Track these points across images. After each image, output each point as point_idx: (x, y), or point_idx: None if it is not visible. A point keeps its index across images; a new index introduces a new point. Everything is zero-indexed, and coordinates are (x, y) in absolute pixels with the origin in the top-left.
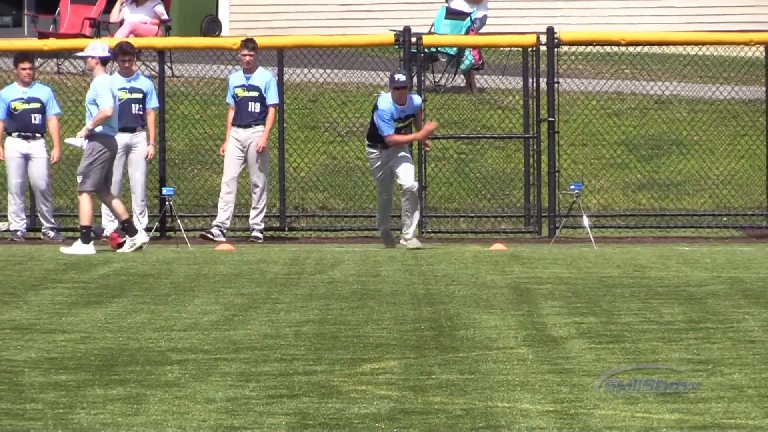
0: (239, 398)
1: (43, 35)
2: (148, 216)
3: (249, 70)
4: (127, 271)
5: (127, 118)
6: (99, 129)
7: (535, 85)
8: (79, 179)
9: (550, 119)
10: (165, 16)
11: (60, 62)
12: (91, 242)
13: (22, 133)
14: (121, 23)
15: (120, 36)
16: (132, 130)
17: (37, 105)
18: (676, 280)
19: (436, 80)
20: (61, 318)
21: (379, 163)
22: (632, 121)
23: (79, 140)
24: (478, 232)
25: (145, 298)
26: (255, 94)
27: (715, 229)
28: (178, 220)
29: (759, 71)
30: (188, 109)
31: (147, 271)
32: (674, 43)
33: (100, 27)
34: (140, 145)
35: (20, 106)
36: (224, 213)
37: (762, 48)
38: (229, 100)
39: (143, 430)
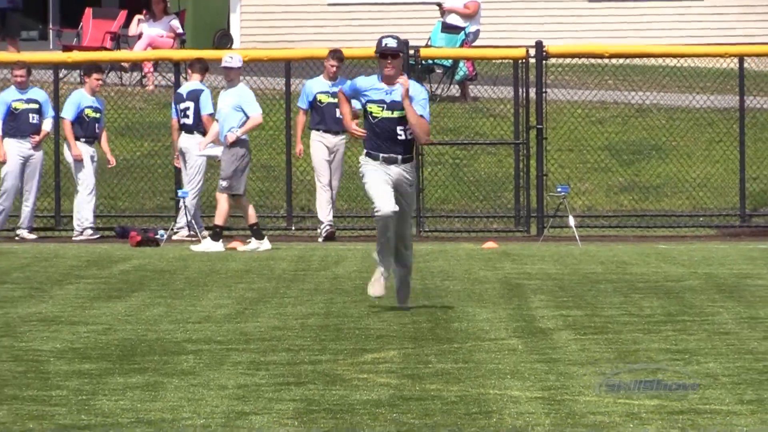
0: (250, 386)
1: (67, 48)
2: (171, 216)
3: (333, 78)
4: (145, 268)
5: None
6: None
7: (524, 94)
8: (224, 183)
9: (538, 126)
10: (180, 30)
11: (81, 73)
12: (221, 240)
13: (89, 139)
14: (139, 36)
15: (138, 48)
16: (191, 131)
17: (98, 115)
18: (655, 276)
19: (433, 90)
20: (84, 311)
21: (375, 173)
22: (615, 128)
23: (215, 149)
24: (471, 231)
25: (162, 293)
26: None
27: (692, 228)
28: (194, 221)
29: (733, 81)
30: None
31: (164, 267)
32: (654, 56)
33: (120, 40)
34: (196, 148)
35: (91, 113)
36: (329, 214)
37: (736, 60)
38: (304, 104)
39: (161, 416)
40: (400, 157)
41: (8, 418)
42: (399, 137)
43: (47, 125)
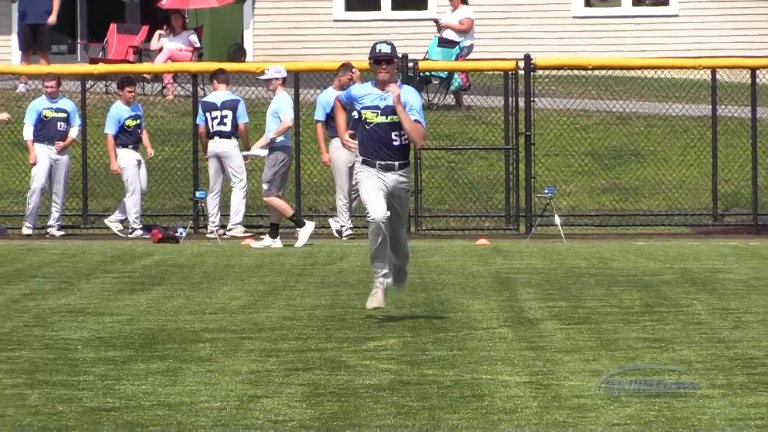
0: (261, 371)
1: (93, 61)
2: (189, 216)
3: (344, 88)
4: (165, 263)
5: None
6: (280, 139)
7: (514, 103)
8: (265, 186)
9: (526, 133)
10: (198, 44)
11: (108, 84)
12: (278, 237)
13: (135, 145)
14: (160, 50)
15: (159, 61)
16: (228, 136)
17: (138, 121)
18: (634, 271)
19: (430, 99)
20: (109, 303)
21: (371, 180)
22: (597, 135)
23: (260, 150)
24: (465, 229)
25: (181, 286)
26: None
27: (668, 226)
28: (209, 219)
29: (706, 91)
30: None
31: (183, 262)
32: (633, 68)
33: (142, 54)
34: (237, 149)
35: (132, 123)
36: (348, 220)
37: (708, 72)
38: (321, 116)
39: (180, 399)
40: (396, 163)
41: (39, 402)
42: (394, 143)
43: (74, 133)
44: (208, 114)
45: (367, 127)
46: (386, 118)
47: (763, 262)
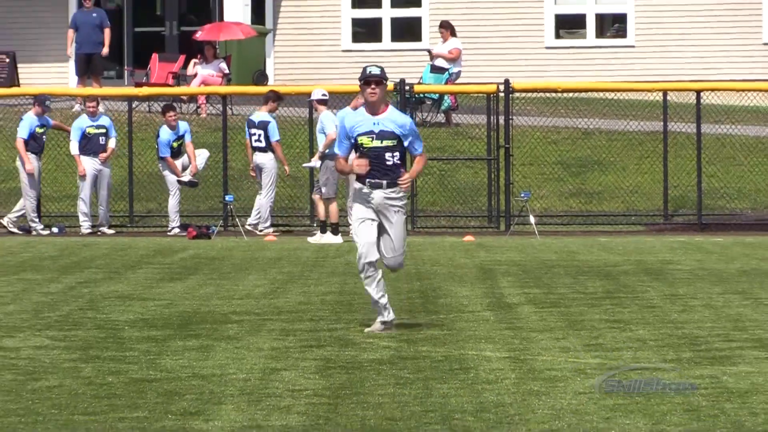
0: (281, 348)
1: (138, 84)
2: (214, 216)
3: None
4: (199, 256)
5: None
6: (328, 150)
7: (495, 121)
8: (322, 189)
9: (506, 146)
10: (227, 71)
11: (151, 104)
12: (339, 234)
13: (182, 179)
14: (194, 76)
15: (194, 85)
16: (264, 150)
17: (182, 140)
18: (597, 262)
19: (424, 117)
20: (152, 289)
21: (359, 210)
22: (566, 147)
23: (315, 162)
24: (454, 227)
25: (212, 275)
26: None
27: (626, 225)
28: (237, 219)
29: (658, 110)
30: (243, 138)
31: (214, 255)
32: (597, 90)
33: (180, 79)
34: (272, 162)
35: (176, 144)
36: None
37: (660, 93)
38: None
39: (211, 371)
40: (384, 182)
41: (92, 374)
42: (387, 162)
43: (112, 143)
44: (250, 131)
45: (363, 151)
46: (381, 142)
47: (707, 255)
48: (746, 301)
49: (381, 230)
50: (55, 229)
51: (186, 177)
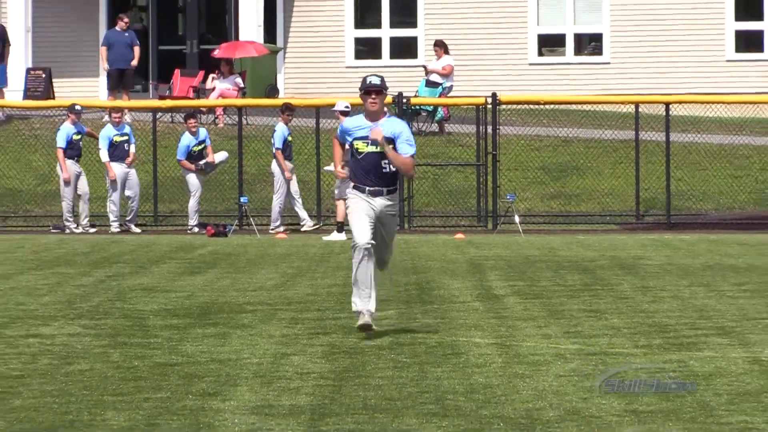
0: (290, 335)
1: (162, 97)
2: (232, 216)
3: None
4: (217, 252)
5: (290, 152)
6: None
7: (484, 130)
8: (336, 192)
9: (493, 152)
10: (242, 85)
11: (173, 115)
12: (344, 232)
13: (200, 162)
14: (212, 89)
15: (212, 98)
16: (289, 158)
17: (202, 145)
18: (576, 258)
19: (419, 127)
20: (174, 282)
21: (358, 204)
22: (547, 154)
23: (332, 167)
24: (446, 226)
25: (228, 269)
26: None
27: (602, 224)
28: (251, 219)
29: (631, 120)
30: (257, 145)
31: (230, 251)
32: (576, 103)
33: (199, 92)
34: (274, 168)
35: (197, 148)
36: None
37: (633, 106)
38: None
39: (228, 356)
40: (384, 189)
41: (120, 358)
42: (384, 170)
43: (133, 148)
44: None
45: (359, 157)
46: (376, 148)
47: (675, 251)
48: (710, 292)
49: (376, 229)
50: (87, 228)
51: (202, 163)
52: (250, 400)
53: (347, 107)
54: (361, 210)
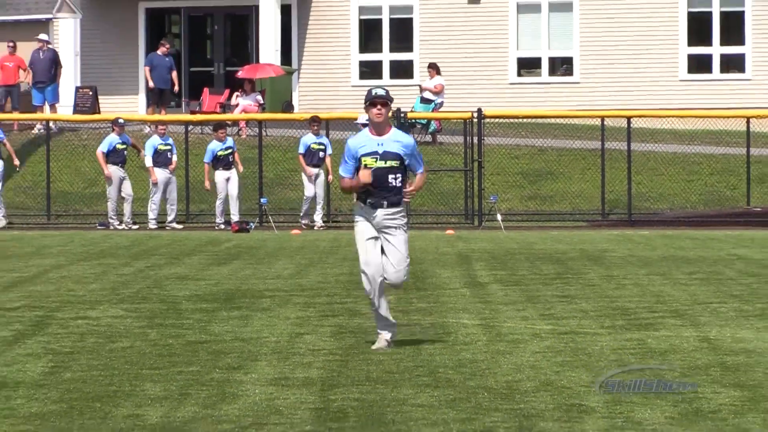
0: (303, 317)
1: (193, 112)
2: (251, 214)
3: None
4: (240, 245)
5: (318, 159)
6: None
7: (470, 140)
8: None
9: (478, 160)
10: (262, 102)
11: (203, 128)
12: None
13: (226, 167)
14: (236, 105)
15: (236, 112)
16: (317, 166)
17: (229, 150)
18: (549, 250)
19: (415, 138)
20: (204, 271)
21: (361, 228)
22: (525, 161)
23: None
24: (438, 223)
25: (250, 261)
26: None
27: (572, 221)
28: (269, 217)
29: (597, 132)
30: (275, 154)
31: (252, 245)
32: (550, 117)
33: (225, 107)
34: (322, 174)
35: (223, 153)
36: None
37: (599, 119)
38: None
39: (250, 336)
40: (385, 201)
41: (156, 337)
42: (390, 184)
43: (175, 157)
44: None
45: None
46: (385, 162)
47: (635, 245)
48: (666, 280)
49: (382, 249)
50: (131, 226)
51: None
52: (269, 373)
53: (368, 121)
54: (364, 235)
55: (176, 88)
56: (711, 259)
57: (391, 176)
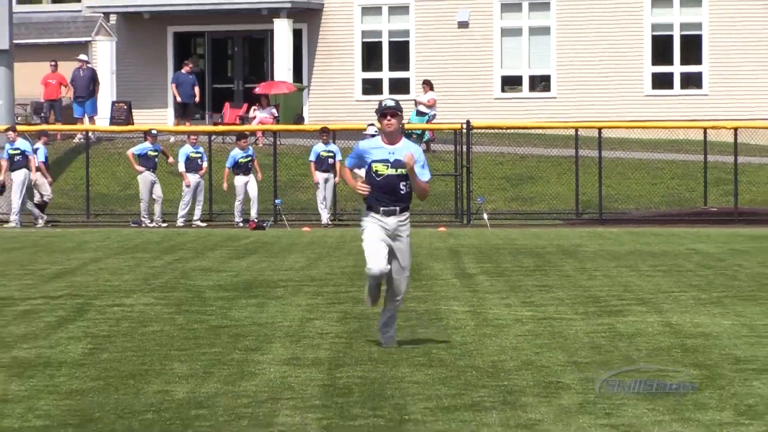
0: (313, 304)
1: (215, 124)
2: (263, 213)
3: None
4: (257, 241)
5: (327, 165)
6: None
7: (460, 149)
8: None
9: (467, 166)
10: (276, 115)
11: (224, 138)
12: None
13: (245, 172)
14: (254, 118)
15: (254, 124)
16: (327, 171)
17: (249, 158)
18: (530, 246)
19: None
20: (225, 264)
21: (372, 229)
22: (509, 167)
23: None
24: (431, 221)
25: (266, 255)
26: None
27: (549, 220)
28: (283, 216)
29: (571, 141)
30: (288, 160)
31: (267, 240)
32: (530, 128)
33: (244, 120)
34: (331, 178)
35: (244, 160)
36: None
37: (573, 130)
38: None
39: (265, 321)
40: (398, 208)
41: (183, 322)
42: (401, 191)
43: (205, 164)
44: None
45: (378, 179)
46: (395, 170)
47: (605, 240)
48: (633, 272)
49: (390, 254)
50: (156, 223)
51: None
52: (283, 354)
53: (376, 132)
54: (375, 235)
55: (197, 99)
56: (672, 253)
57: (401, 184)
